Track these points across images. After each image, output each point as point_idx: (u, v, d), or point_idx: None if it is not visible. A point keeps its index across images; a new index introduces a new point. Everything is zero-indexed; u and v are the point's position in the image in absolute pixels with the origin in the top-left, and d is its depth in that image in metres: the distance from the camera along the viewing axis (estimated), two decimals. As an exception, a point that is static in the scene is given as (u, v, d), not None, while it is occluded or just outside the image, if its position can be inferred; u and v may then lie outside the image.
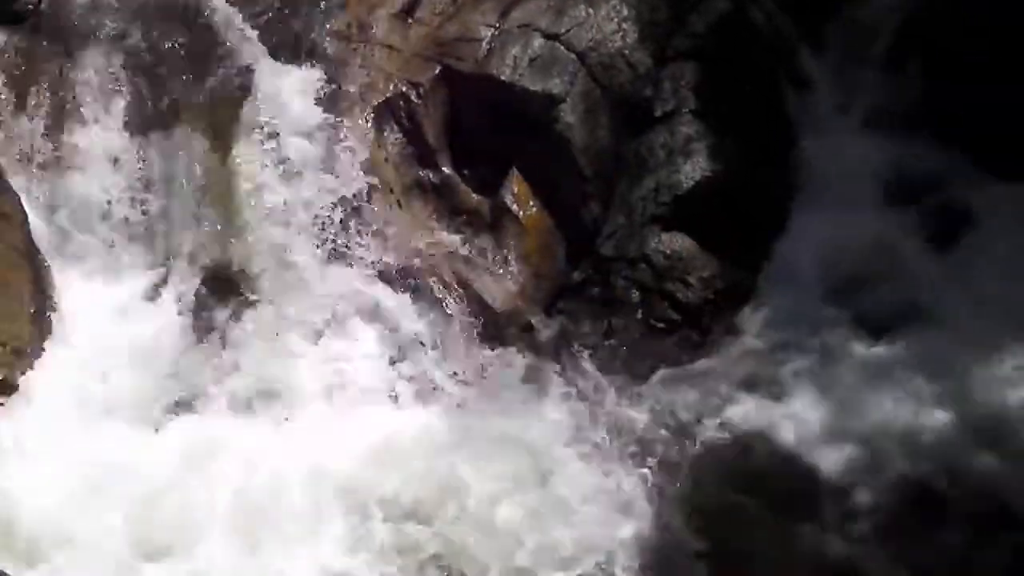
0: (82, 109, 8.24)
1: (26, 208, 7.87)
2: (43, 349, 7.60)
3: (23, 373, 7.42)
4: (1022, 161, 8.18)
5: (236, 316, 7.90)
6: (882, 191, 8.54)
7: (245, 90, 8.43)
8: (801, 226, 8.40)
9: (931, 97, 8.57)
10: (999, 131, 8.24)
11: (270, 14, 8.84)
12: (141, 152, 8.21)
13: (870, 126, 8.73)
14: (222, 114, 8.37)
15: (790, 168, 8.55)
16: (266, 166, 8.22)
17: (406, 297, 8.07)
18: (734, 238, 8.20)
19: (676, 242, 8.19)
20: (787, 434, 7.47)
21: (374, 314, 8.00)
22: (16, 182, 7.97)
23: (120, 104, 8.31)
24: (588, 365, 7.96)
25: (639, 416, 7.72)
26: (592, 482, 7.34)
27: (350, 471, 7.33)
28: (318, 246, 8.09)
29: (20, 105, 8.21)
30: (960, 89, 8.45)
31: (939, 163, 8.45)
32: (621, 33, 8.31)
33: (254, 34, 8.71)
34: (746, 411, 7.61)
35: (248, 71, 8.51)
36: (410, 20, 8.65)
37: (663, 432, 7.61)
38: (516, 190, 8.26)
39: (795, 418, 7.56)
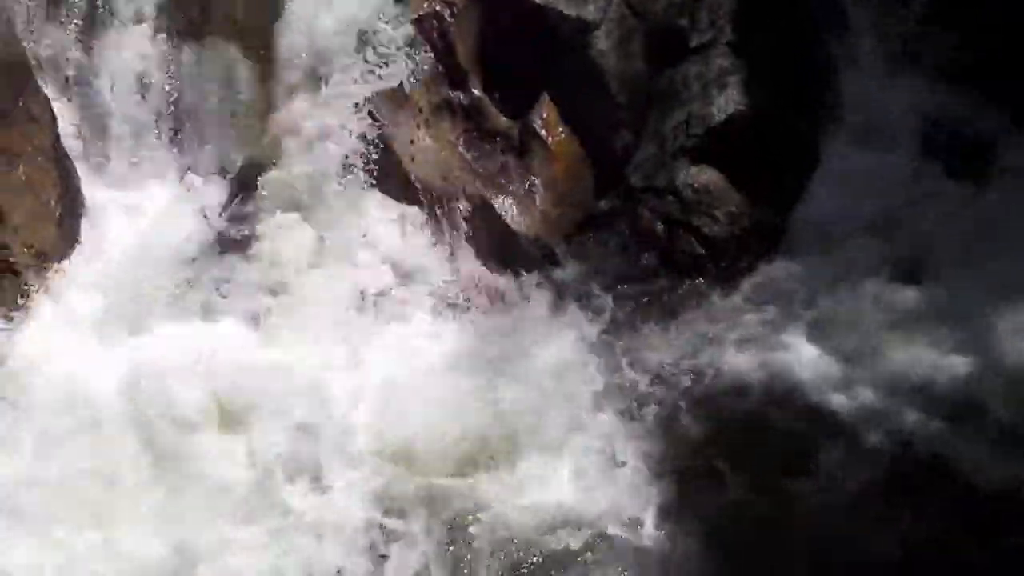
0: (114, 15, 8.22)
1: (56, 112, 7.87)
2: (68, 252, 7.67)
3: (47, 276, 7.48)
4: None
5: (260, 227, 7.94)
6: (916, 135, 8.38)
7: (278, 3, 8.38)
8: (833, 166, 8.27)
9: (969, 44, 8.39)
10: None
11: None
12: (173, 58, 8.21)
13: (907, 70, 8.54)
14: (254, 24, 8.32)
15: (824, 107, 8.39)
16: (297, 77, 8.20)
17: (430, 217, 8.08)
18: (764, 175, 8.08)
19: (705, 175, 8.09)
20: (803, 375, 7.39)
21: (398, 231, 8.01)
22: (46, 86, 8.00)
23: (153, 10, 8.27)
24: (609, 295, 7.93)
25: (656, 349, 7.69)
26: (605, 407, 7.35)
27: (367, 385, 7.40)
28: (346, 162, 8.08)
29: (52, 11, 8.19)
30: (998, 36, 8.27)
31: (974, 110, 8.28)
32: (659, -40, 8.18)
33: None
34: (764, 350, 7.54)
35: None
36: (446, -59, 8.53)
37: (680, 366, 7.57)
38: (546, 115, 8.18)
39: (813, 359, 7.48)
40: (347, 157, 8.03)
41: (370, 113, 8.03)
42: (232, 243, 7.88)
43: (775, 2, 8.32)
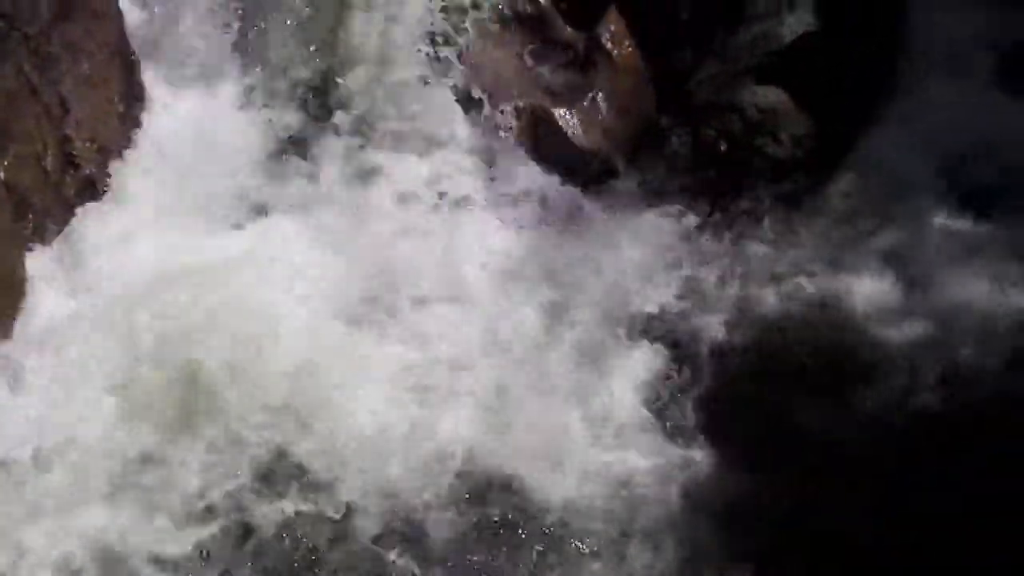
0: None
1: (121, 7, 7.81)
2: (131, 149, 7.67)
3: (109, 172, 7.50)
4: None
5: (323, 131, 7.94)
6: (990, 62, 8.18)
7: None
8: (905, 94, 8.11)
9: None
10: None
11: None
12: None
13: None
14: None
15: (898, 34, 8.20)
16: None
17: (497, 125, 8.02)
18: (832, 99, 7.95)
19: (771, 96, 7.98)
20: (860, 303, 7.37)
21: (461, 144, 7.98)
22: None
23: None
24: (668, 212, 7.89)
25: (714, 269, 7.67)
26: (660, 326, 7.37)
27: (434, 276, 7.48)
28: (415, 68, 8.03)
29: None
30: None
31: None
32: None
33: None
34: (822, 277, 7.51)
35: None
36: None
37: (736, 288, 7.55)
38: (613, 28, 8.09)
39: (871, 288, 7.44)
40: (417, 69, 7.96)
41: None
42: (298, 148, 7.86)
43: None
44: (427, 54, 8.03)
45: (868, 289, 7.43)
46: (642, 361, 7.14)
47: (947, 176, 7.88)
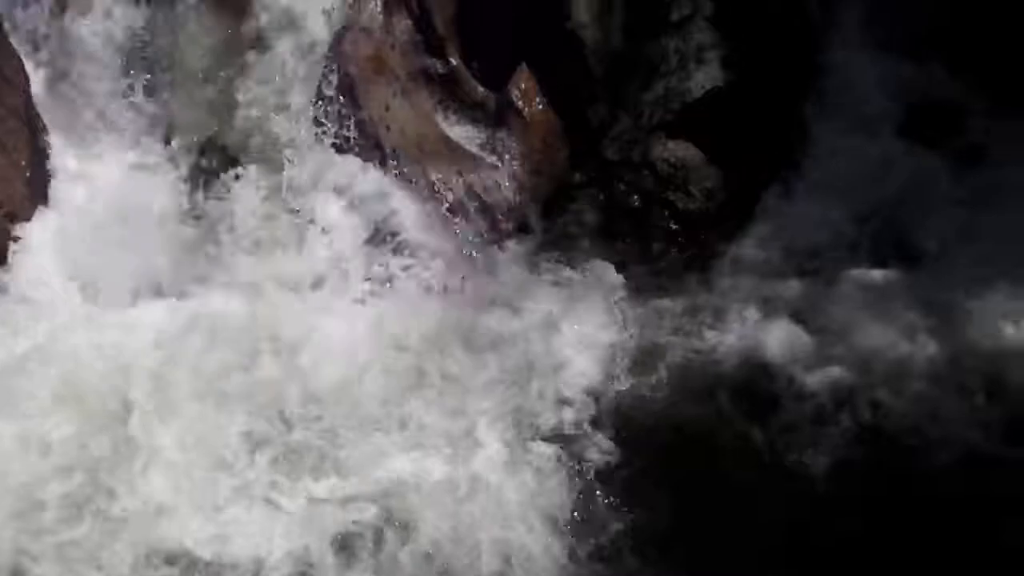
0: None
1: (28, 73, 7.80)
2: (37, 214, 7.60)
3: (15, 239, 7.42)
4: None
5: (227, 192, 7.90)
6: (898, 114, 8.32)
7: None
8: (813, 144, 8.21)
9: (955, 21, 8.34)
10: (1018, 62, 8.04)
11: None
12: (144, 23, 8.13)
13: (891, 46, 8.46)
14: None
15: (805, 84, 8.34)
16: (269, 43, 8.12)
17: (403, 186, 8.01)
18: (742, 151, 8.04)
19: (681, 150, 8.06)
20: (774, 353, 7.34)
21: (368, 201, 7.93)
22: (19, 47, 7.92)
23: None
24: (582, 269, 7.88)
25: (630, 323, 7.63)
26: (575, 383, 7.31)
27: (335, 356, 7.34)
28: (317, 129, 8.00)
29: (24, -30, 8.13)
30: (984, 16, 8.22)
31: (957, 89, 8.24)
32: (641, -68, 8.10)
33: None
34: (736, 326, 7.50)
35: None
36: (428, -95, 8.45)
37: (650, 342, 7.52)
38: (524, 86, 8.12)
39: (786, 337, 7.41)
40: (321, 123, 7.93)
41: (346, 76, 7.91)
42: (200, 208, 7.80)
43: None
44: (336, 113, 7.98)
45: (781, 339, 7.40)
46: (555, 417, 7.07)
47: (857, 227, 7.95)
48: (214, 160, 7.95)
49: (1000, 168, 8.08)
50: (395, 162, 7.94)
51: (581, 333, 7.52)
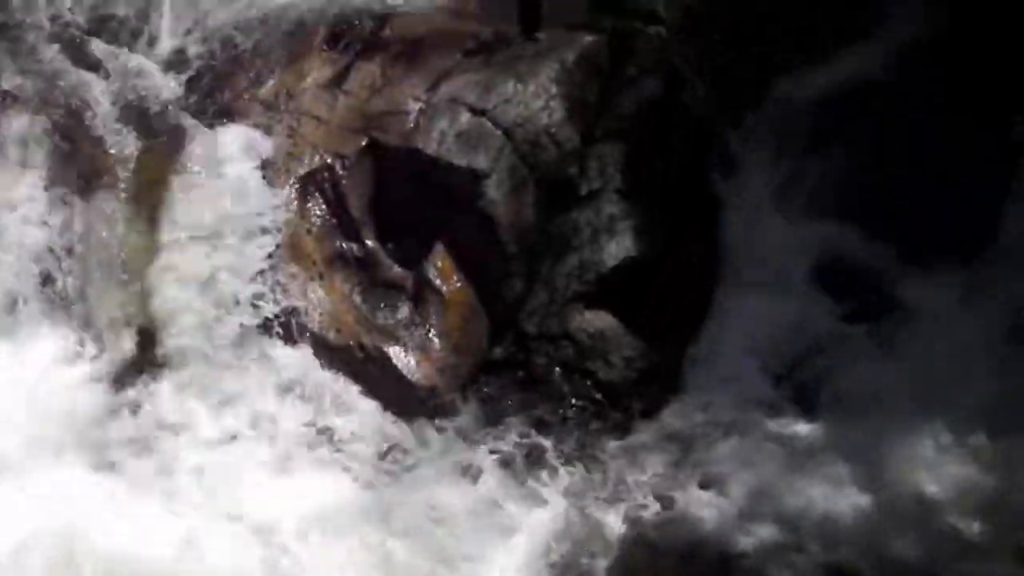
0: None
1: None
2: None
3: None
4: (944, 247, 8.29)
5: (152, 386, 7.79)
6: (808, 274, 8.52)
7: (171, 154, 8.36)
8: (728, 307, 8.39)
9: (857, 182, 8.65)
10: (923, 218, 8.36)
11: (199, 80, 8.90)
12: (61, 212, 8.11)
13: (797, 208, 8.74)
14: (145, 177, 8.29)
15: (717, 249, 8.56)
16: (188, 232, 8.13)
17: (325, 370, 7.98)
18: (659, 318, 8.19)
19: (599, 321, 8.15)
20: (708, 515, 7.41)
21: (292, 386, 7.89)
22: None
23: (40, 163, 8.19)
24: (508, 444, 7.86)
25: (558, 497, 7.63)
26: (506, 563, 7.24)
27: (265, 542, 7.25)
28: (238, 315, 7.98)
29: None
30: (885, 176, 8.58)
31: (864, 247, 8.47)
32: (548, 111, 8.29)
33: (182, 99, 8.75)
34: (663, 493, 7.54)
35: (175, 134, 8.44)
36: (338, 91, 8.62)
37: (577, 515, 7.52)
38: (440, 265, 8.19)
39: (716, 500, 7.50)
40: (241, 310, 7.92)
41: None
42: (120, 406, 7.68)
43: (663, 147, 8.52)
44: (252, 303, 7.97)
45: (710, 502, 7.47)
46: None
47: (776, 385, 8.09)
48: (135, 352, 7.83)
49: (910, 324, 8.32)
50: (317, 346, 7.93)
51: (507, 513, 7.53)
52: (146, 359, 7.89)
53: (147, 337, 7.94)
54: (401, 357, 8.04)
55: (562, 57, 8.43)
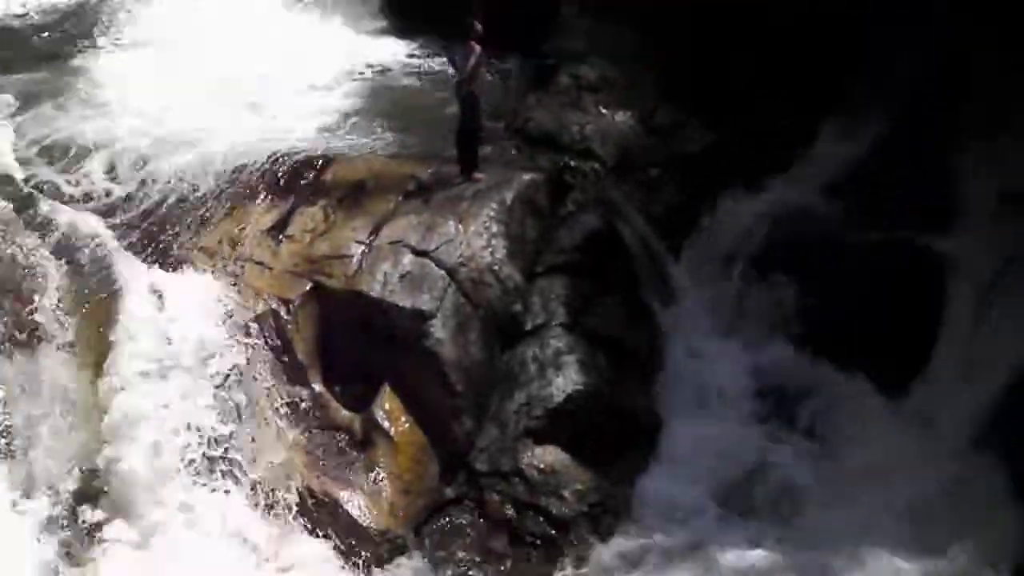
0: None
1: None
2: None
3: None
4: (877, 369, 8.58)
5: (97, 537, 7.66)
6: (750, 397, 8.77)
7: (115, 302, 8.32)
8: (674, 433, 8.52)
9: (794, 307, 8.95)
10: (857, 341, 8.60)
11: (142, 228, 8.96)
12: (3, 370, 8.00)
13: (737, 333, 9.00)
14: (88, 332, 8.24)
15: (661, 377, 8.71)
16: (133, 382, 8.03)
17: (275, 517, 7.90)
18: (608, 450, 8.25)
19: (549, 456, 8.19)
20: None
21: (243, 534, 7.79)
22: None
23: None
24: (461, 586, 7.88)
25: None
26: None
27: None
28: (185, 465, 7.89)
29: None
30: (820, 301, 8.86)
31: (802, 369, 8.79)
32: (491, 249, 8.43)
33: (126, 247, 8.77)
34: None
35: (118, 283, 8.42)
36: (281, 237, 8.69)
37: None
38: (388, 406, 8.20)
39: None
40: (191, 462, 7.86)
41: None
42: (69, 563, 7.56)
43: (606, 280, 8.69)
44: (198, 444, 7.92)
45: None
46: None
47: (723, 505, 8.22)
48: (82, 505, 7.73)
49: (848, 443, 8.53)
50: (264, 492, 7.88)
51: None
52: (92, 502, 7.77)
53: (92, 481, 7.83)
54: (352, 501, 7.99)
55: (501, 196, 8.63)
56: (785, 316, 9.07)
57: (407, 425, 8.18)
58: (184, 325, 8.21)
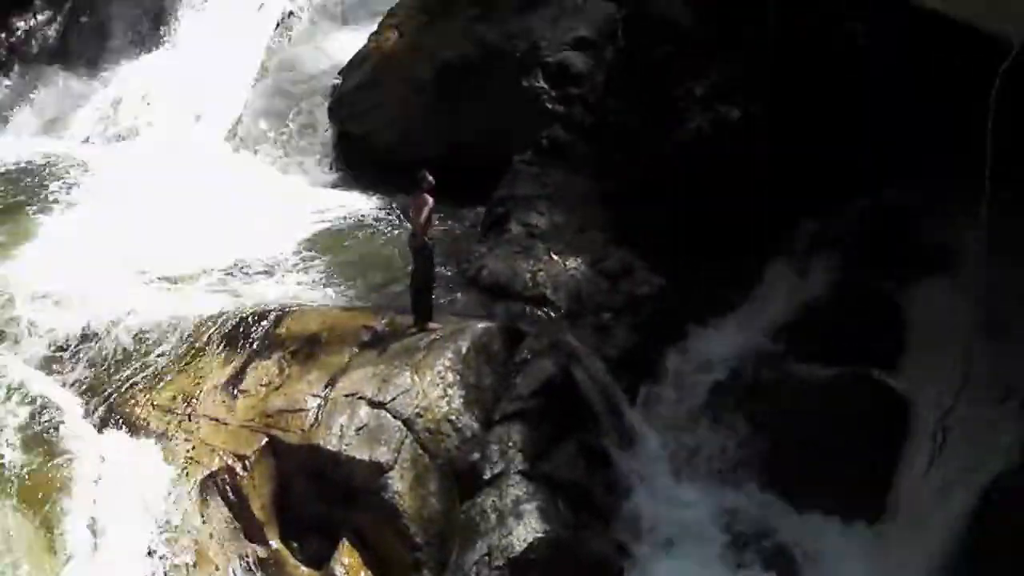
0: None
1: None
2: None
3: None
4: (836, 506, 8.64)
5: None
6: (710, 539, 8.70)
7: (63, 466, 8.21)
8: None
9: (751, 448, 8.99)
10: (815, 481, 8.67)
11: (91, 386, 8.91)
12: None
13: (696, 476, 9.00)
14: (35, 478, 8.14)
15: (623, 522, 8.64)
16: (84, 533, 7.94)
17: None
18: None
19: (521, 614, 8.11)
20: None
21: None
22: None
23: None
24: None
25: None
26: None
27: None
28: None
29: None
30: (777, 441, 8.93)
31: (761, 510, 8.81)
32: (447, 399, 8.42)
33: (76, 408, 8.71)
34: None
35: (68, 446, 8.32)
36: (236, 392, 8.64)
37: None
38: (347, 561, 8.06)
39: None
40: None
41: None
42: None
43: (564, 426, 8.68)
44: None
45: None
46: None
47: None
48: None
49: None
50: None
51: None
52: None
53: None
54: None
55: (457, 345, 8.65)
56: (745, 457, 9.09)
57: (366, 580, 8.09)
58: (137, 487, 8.15)
